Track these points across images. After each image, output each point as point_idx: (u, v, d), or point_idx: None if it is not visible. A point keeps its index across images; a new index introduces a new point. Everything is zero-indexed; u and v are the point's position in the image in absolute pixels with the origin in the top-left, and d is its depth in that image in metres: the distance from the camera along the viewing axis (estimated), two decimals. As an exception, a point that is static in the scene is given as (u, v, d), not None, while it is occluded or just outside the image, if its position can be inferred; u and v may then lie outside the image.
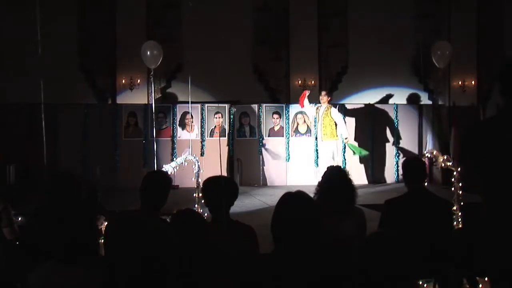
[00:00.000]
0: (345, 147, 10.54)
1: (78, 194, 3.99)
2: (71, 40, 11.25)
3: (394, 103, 11.48)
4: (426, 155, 6.49)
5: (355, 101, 11.77)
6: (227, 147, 10.83)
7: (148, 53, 9.97)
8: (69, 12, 11.19)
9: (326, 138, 9.88)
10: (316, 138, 10.58)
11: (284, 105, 11.20)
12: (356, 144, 10.51)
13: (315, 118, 10.28)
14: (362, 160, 10.97)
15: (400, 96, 11.88)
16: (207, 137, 10.75)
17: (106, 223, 4.19)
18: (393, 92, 11.91)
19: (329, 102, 9.97)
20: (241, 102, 11.06)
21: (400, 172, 10.12)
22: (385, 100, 11.88)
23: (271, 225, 2.55)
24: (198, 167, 6.93)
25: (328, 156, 9.83)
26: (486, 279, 3.86)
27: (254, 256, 3.01)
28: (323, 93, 10.06)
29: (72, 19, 11.25)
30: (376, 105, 11.50)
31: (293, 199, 2.56)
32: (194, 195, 6.68)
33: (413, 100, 12.03)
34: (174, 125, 10.69)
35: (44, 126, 9.98)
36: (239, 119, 10.97)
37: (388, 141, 11.25)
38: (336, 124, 9.87)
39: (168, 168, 6.74)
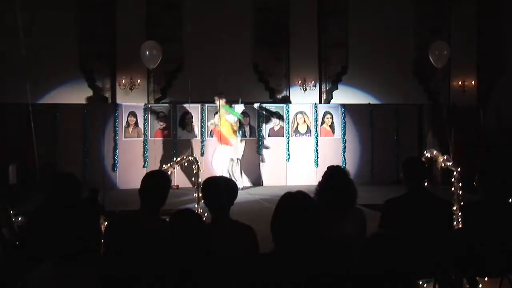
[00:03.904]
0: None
1: (79, 194, 3.99)
2: (71, 40, 11.26)
3: (394, 103, 11.48)
4: (426, 155, 6.48)
5: (355, 101, 11.77)
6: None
7: (147, 53, 9.96)
8: (69, 12, 11.19)
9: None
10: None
11: (284, 105, 11.20)
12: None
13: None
14: (362, 160, 10.97)
15: (400, 96, 11.87)
16: (207, 137, 10.74)
17: (106, 223, 4.19)
18: (393, 92, 11.90)
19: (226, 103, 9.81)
20: (241, 102, 11.05)
21: (400, 172, 10.12)
22: None
23: (271, 225, 2.54)
24: (198, 167, 6.93)
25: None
26: (486, 279, 3.86)
27: (254, 256, 3.01)
28: (216, 97, 9.81)
29: (72, 19, 11.25)
30: (376, 104, 11.50)
31: (293, 199, 2.56)
32: (194, 195, 6.68)
33: None
34: (174, 125, 10.69)
35: (44, 126, 10.01)
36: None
37: (388, 141, 11.24)
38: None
39: (169, 168, 6.72)
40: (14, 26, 9.91)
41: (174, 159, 8.33)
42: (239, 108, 10.32)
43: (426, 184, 4.03)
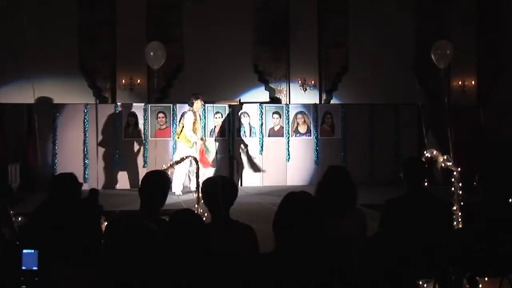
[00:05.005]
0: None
1: (79, 194, 3.99)
2: (71, 40, 11.26)
3: (394, 103, 11.47)
4: (426, 155, 6.48)
5: (355, 101, 11.76)
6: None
7: (152, 53, 9.96)
8: (69, 12, 11.20)
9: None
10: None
11: (284, 105, 11.20)
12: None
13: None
14: (362, 160, 10.96)
15: (400, 96, 11.86)
16: (208, 137, 10.73)
17: (106, 223, 4.19)
18: (393, 92, 11.89)
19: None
20: (241, 102, 11.06)
21: (400, 172, 10.10)
22: None
23: (273, 224, 2.54)
24: (198, 167, 6.92)
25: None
26: (486, 279, 3.86)
27: (254, 256, 3.01)
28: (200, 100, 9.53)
29: (72, 19, 11.26)
30: (376, 104, 11.49)
31: (296, 199, 2.56)
32: (194, 195, 6.68)
33: None
34: (174, 125, 10.68)
35: (44, 126, 10.01)
36: (239, 119, 10.95)
37: (387, 141, 11.23)
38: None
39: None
40: (14, 26, 9.93)
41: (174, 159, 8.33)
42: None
43: (426, 184, 4.03)
